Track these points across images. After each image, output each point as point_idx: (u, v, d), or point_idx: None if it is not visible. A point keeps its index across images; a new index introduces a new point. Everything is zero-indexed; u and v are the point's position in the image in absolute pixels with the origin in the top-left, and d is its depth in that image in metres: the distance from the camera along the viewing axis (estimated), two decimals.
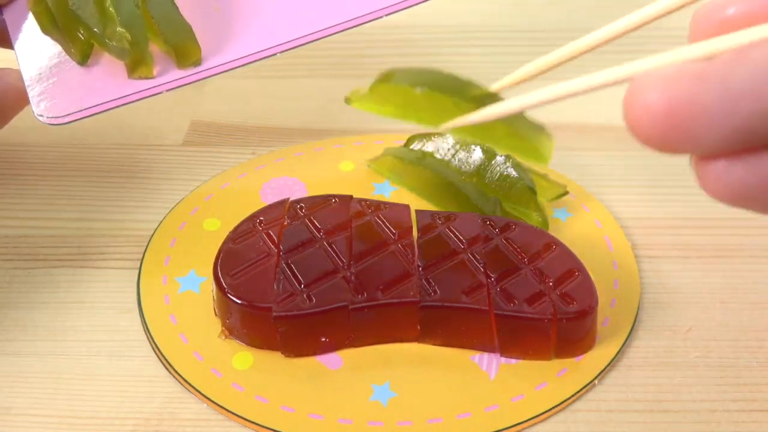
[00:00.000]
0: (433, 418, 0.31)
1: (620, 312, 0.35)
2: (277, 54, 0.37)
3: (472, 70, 0.52)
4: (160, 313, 0.35)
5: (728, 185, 0.21)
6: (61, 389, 0.33)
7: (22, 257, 0.38)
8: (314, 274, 0.33)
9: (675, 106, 0.20)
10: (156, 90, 0.36)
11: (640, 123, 0.20)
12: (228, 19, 0.39)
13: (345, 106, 0.33)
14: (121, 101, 0.36)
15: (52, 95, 0.36)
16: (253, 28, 0.38)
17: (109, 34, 0.36)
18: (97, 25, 0.36)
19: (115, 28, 0.36)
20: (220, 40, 0.38)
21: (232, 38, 0.38)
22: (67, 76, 0.37)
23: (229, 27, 0.38)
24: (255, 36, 0.38)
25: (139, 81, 0.36)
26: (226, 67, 0.37)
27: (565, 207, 0.40)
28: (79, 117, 0.35)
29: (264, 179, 0.42)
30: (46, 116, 0.35)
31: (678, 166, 0.44)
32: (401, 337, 0.34)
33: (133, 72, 0.36)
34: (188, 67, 0.36)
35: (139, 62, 0.36)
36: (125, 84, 0.36)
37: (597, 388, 0.33)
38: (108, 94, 0.36)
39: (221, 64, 0.36)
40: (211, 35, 0.38)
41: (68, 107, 0.35)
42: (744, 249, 0.39)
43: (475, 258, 0.34)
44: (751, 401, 0.32)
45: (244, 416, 0.31)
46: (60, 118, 0.35)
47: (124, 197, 0.42)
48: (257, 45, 0.37)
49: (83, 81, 0.36)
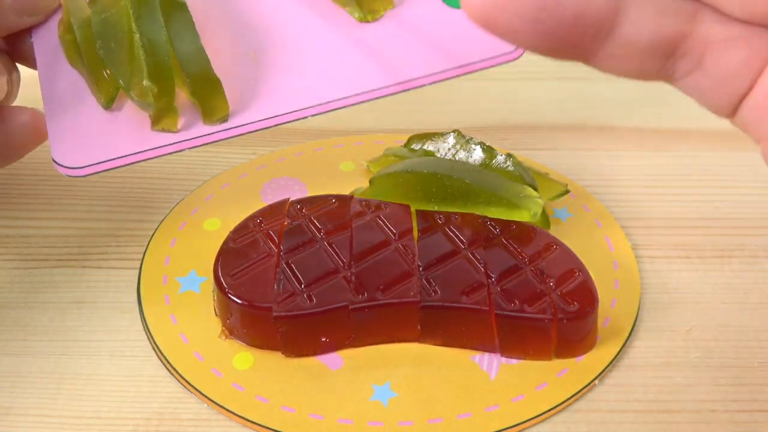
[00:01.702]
0: (434, 418, 0.31)
1: (621, 312, 0.35)
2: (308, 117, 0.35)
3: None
4: (160, 313, 0.35)
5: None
6: (62, 389, 0.33)
7: (22, 257, 0.38)
8: (314, 274, 0.33)
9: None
10: (179, 147, 0.34)
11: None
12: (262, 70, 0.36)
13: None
14: (141, 156, 0.34)
15: (72, 143, 0.34)
16: (289, 84, 0.35)
17: (135, 87, 0.34)
18: (123, 75, 0.34)
19: (141, 79, 0.34)
20: (253, 94, 0.35)
21: (261, 95, 0.35)
22: (89, 120, 0.35)
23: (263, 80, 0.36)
24: (288, 94, 0.35)
25: (162, 134, 0.34)
26: (253, 127, 0.34)
27: (566, 207, 0.40)
28: (97, 170, 0.34)
29: (264, 179, 0.42)
30: (64, 166, 0.33)
31: (678, 166, 0.44)
32: (402, 337, 0.34)
33: (156, 123, 0.34)
34: (215, 123, 0.34)
35: (163, 114, 0.34)
36: (147, 137, 0.34)
37: (598, 388, 0.33)
38: (129, 148, 0.34)
39: (249, 123, 0.34)
40: (244, 87, 0.35)
41: (87, 158, 0.34)
42: (745, 249, 0.39)
43: (475, 258, 0.34)
44: (752, 401, 0.32)
45: (244, 416, 0.31)
46: (78, 170, 0.33)
47: (124, 197, 0.42)
48: (286, 105, 0.35)
49: (105, 129, 0.34)
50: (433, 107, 0.47)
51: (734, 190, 0.42)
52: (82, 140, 0.34)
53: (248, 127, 0.34)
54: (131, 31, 0.35)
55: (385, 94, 0.35)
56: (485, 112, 0.47)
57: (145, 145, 0.34)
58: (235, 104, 0.34)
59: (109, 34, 0.35)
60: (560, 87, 0.49)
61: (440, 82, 0.35)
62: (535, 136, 0.45)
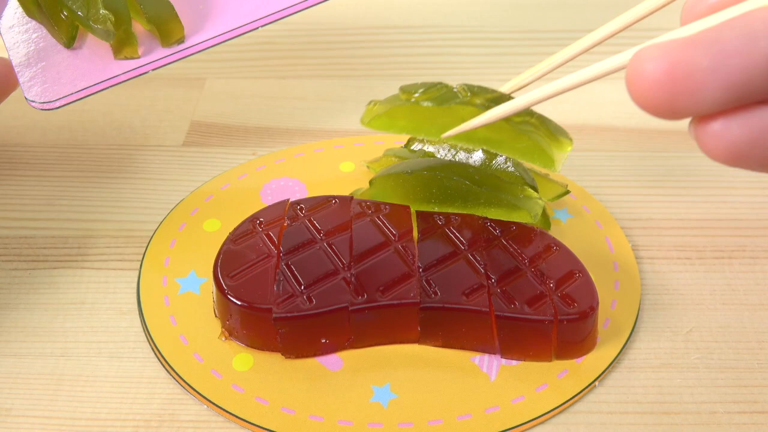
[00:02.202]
0: (434, 420, 0.31)
1: (621, 313, 0.35)
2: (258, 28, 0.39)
3: (471, 70, 0.52)
4: (160, 315, 0.35)
5: (726, 143, 0.23)
6: (61, 391, 0.33)
7: (22, 258, 0.38)
8: (314, 275, 0.33)
9: (673, 70, 0.22)
10: (142, 69, 0.37)
11: (643, 91, 0.23)
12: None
13: (345, 107, 0.34)
14: (110, 83, 0.37)
15: (42, 80, 0.37)
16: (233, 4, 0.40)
17: (92, 16, 0.37)
18: (81, 8, 0.37)
19: (98, 10, 0.37)
20: (202, 18, 0.39)
21: (212, 15, 0.39)
22: (54, 59, 0.38)
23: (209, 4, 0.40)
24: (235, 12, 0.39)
25: (126, 61, 0.37)
26: (209, 44, 0.38)
27: (566, 208, 0.40)
28: (70, 101, 0.37)
29: (264, 180, 0.42)
30: (38, 101, 0.36)
31: (678, 167, 0.44)
32: (402, 338, 0.34)
33: (118, 53, 0.38)
34: (172, 45, 0.38)
35: (124, 43, 0.37)
36: (112, 65, 0.37)
37: (598, 389, 0.33)
38: (96, 76, 0.37)
39: (204, 41, 0.38)
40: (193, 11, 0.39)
41: (59, 91, 0.36)
42: (745, 250, 0.39)
43: (475, 259, 0.34)
44: (752, 403, 0.32)
45: (244, 418, 0.31)
46: (51, 103, 0.36)
47: (124, 198, 0.41)
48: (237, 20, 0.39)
49: (71, 64, 0.38)
50: None
51: (734, 192, 0.42)
52: (51, 77, 0.37)
53: (203, 45, 0.38)
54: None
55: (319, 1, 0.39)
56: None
57: (110, 72, 0.37)
58: (188, 27, 0.39)
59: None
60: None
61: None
62: None
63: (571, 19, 0.55)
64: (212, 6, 0.40)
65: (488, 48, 0.53)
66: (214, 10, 0.39)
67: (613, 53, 0.26)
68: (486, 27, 0.55)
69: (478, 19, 0.56)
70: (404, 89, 0.37)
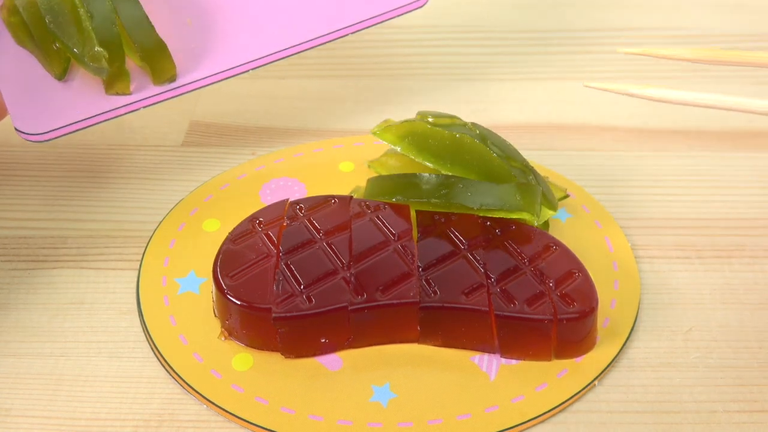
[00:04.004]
0: (433, 419, 0.31)
1: (620, 313, 0.35)
2: (249, 71, 0.39)
3: (471, 70, 0.52)
4: (159, 314, 0.35)
5: None
6: (61, 391, 0.33)
7: (22, 258, 0.38)
8: (314, 274, 0.33)
9: None
10: (133, 107, 0.38)
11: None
12: (201, 33, 0.40)
13: (345, 106, 0.34)
14: (99, 118, 0.37)
15: (32, 112, 0.37)
16: (226, 42, 0.40)
17: (88, 53, 0.37)
18: (76, 45, 0.37)
19: (93, 47, 0.37)
20: (195, 55, 0.39)
21: (205, 53, 0.39)
22: (45, 91, 0.38)
23: (202, 41, 0.40)
24: (228, 50, 0.40)
25: (117, 97, 0.38)
26: (200, 84, 0.38)
27: (565, 207, 0.40)
28: (59, 135, 0.36)
29: (264, 180, 0.42)
30: (26, 133, 0.36)
31: (678, 166, 0.44)
32: (401, 337, 0.34)
33: (110, 88, 0.38)
34: (164, 83, 0.38)
35: (116, 78, 0.37)
36: (103, 100, 0.37)
37: (597, 389, 0.33)
38: (86, 111, 0.37)
39: (195, 81, 0.38)
40: (186, 50, 0.39)
41: (48, 124, 0.36)
42: (744, 249, 0.39)
43: (475, 258, 0.34)
44: (751, 402, 0.32)
45: (243, 417, 0.31)
46: (40, 135, 0.36)
47: (124, 198, 0.41)
48: (229, 61, 0.39)
49: (61, 96, 0.38)
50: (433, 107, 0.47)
51: (733, 191, 0.42)
52: (41, 108, 0.37)
53: (194, 84, 0.38)
54: (76, 5, 0.38)
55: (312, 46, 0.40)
56: (485, 113, 0.47)
57: (101, 107, 0.37)
58: (180, 65, 0.39)
59: (56, 10, 0.38)
60: (560, 87, 0.49)
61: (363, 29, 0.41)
62: (535, 136, 0.45)
63: (572, 19, 0.55)
64: (205, 45, 0.40)
65: (489, 48, 0.53)
66: (207, 50, 0.40)
67: None
68: (486, 27, 0.55)
69: (478, 18, 0.56)
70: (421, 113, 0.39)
